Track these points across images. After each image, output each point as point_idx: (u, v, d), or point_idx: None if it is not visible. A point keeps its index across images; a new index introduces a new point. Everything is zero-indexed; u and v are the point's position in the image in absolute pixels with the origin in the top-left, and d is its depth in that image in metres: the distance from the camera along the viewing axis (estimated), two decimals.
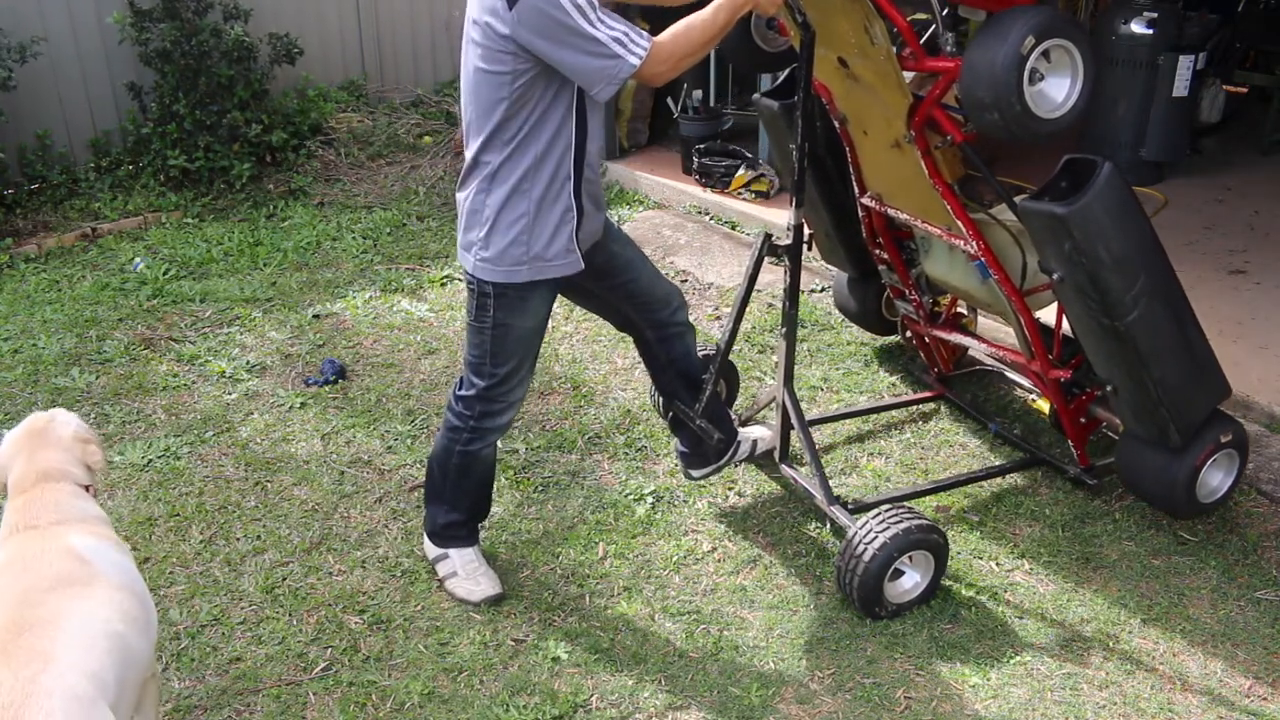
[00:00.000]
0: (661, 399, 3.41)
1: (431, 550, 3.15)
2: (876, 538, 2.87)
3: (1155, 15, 5.63)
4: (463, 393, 2.96)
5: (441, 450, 3.03)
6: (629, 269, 3.07)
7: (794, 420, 3.26)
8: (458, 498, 3.08)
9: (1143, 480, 3.21)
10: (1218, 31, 5.96)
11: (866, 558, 2.87)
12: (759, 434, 3.62)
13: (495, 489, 3.53)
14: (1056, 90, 2.76)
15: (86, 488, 2.25)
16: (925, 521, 2.94)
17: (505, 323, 2.81)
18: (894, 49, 2.94)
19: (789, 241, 3.15)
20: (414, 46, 7.54)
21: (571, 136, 2.66)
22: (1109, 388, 3.11)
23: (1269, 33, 6.72)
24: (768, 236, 3.22)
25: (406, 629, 2.95)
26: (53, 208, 5.84)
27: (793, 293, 3.19)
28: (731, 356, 4.40)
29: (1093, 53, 2.74)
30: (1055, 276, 2.95)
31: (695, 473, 3.44)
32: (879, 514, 2.94)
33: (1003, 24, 2.67)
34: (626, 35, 2.52)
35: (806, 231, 3.17)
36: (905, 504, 3.08)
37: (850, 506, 3.19)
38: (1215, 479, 3.24)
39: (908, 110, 3.05)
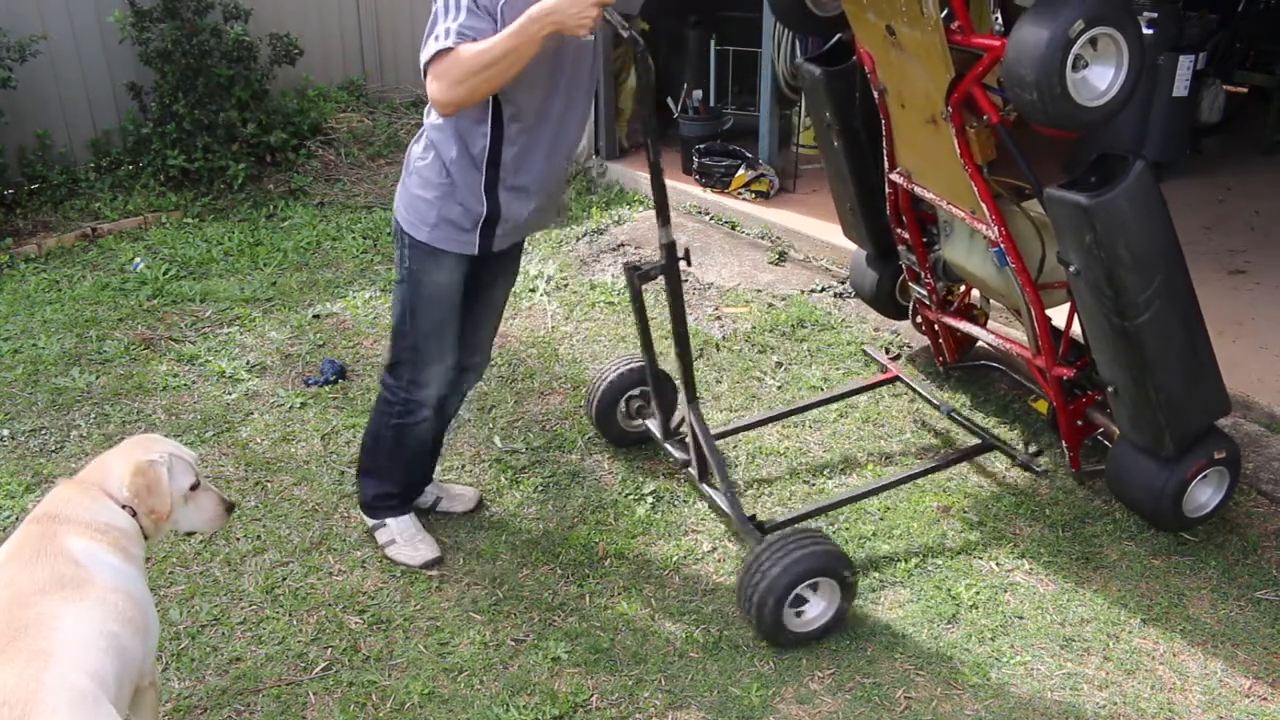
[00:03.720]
0: None
1: (368, 520, 3.25)
2: (777, 563, 2.73)
3: (1155, 15, 5.63)
4: (389, 361, 3.06)
5: (375, 425, 3.14)
6: (488, 304, 3.12)
7: (700, 438, 3.08)
8: (392, 470, 3.18)
9: (1131, 487, 3.20)
10: (1218, 31, 5.97)
11: (764, 584, 2.74)
12: (457, 491, 3.46)
13: (495, 488, 3.54)
14: (1099, 79, 2.74)
15: (126, 507, 2.20)
16: (830, 548, 2.80)
17: (419, 275, 2.89)
18: (942, 21, 2.94)
19: (662, 261, 2.92)
20: (414, 46, 7.48)
21: (487, 135, 2.69)
22: (1110, 389, 3.11)
23: (1269, 33, 6.72)
24: (632, 268, 3.01)
25: (406, 629, 2.95)
26: (53, 208, 5.84)
27: (677, 312, 2.98)
28: (730, 354, 4.40)
29: (1142, 48, 2.72)
30: (1072, 269, 2.94)
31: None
32: (782, 538, 2.80)
33: (1055, 4, 2.66)
34: (453, 31, 2.46)
35: (681, 248, 2.94)
36: (814, 527, 2.95)
37: (768, 525, 3.05)
38: (1204, 495, 3.21)
39: (948, 85, 3.05)
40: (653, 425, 3.53)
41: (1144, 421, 3.06)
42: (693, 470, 3.26)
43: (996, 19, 2.95)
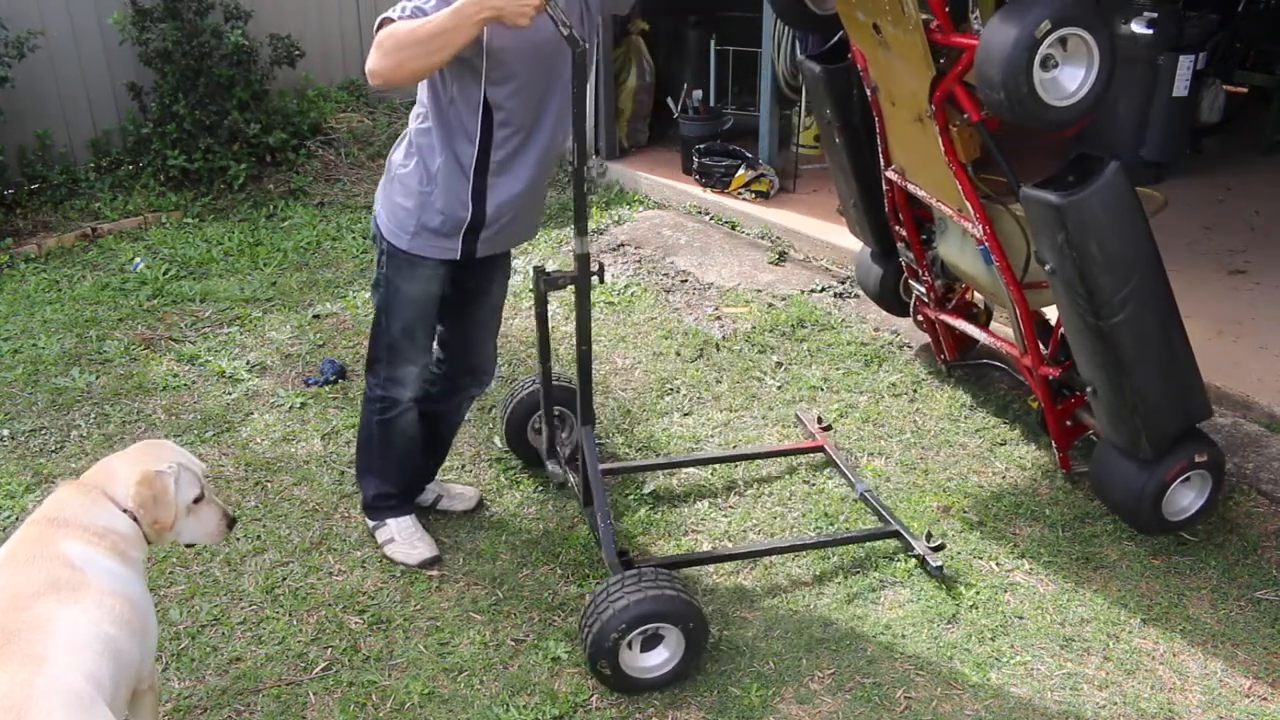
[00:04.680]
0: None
1: (369, 521, 3.28)
2: (616, 601, 2.60)
3: (1155, 15, 5.63)
4: (368, 359, 3.11)
5: (364, 424, 3.20)
6: (485, 308, 3.12)
7: (588, 463, 2.96)
8: (386, 469, 3.21)
9: (1111, 489, 3.19)
10: (1218, 31, 5.97)
11: (603, 619, 2.60)
12: (457, 491, 3.47)
13: (496, 488, 3.54)
14: (1069, 79, 2.75)
15: (128, 511, 2.19)
16: (674, 594, 2.63)
17: (395, 283, 2.91)
18: (923, 20, 2.95)
19: (574, 272, 2.78)
20: None
21: (475, 143, 2.69)
22: (1090, 389, 3.11)
23: (1269, 33, 6.72)
24: (540, 272, 2.89)
25: (406, 629, 2.95)
26: (53, 208, 5.84)
27: (582, 329, 2.84)
28: (730, 354, 4.40)
29: (1112, 49, 2.73)
30: (1048, 267, 2.95)
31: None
32: (631, 577, 2.65)
33: (1023, 5, 2.67)
34: (409, 8, 2.50)
35: (596, 263, 2.81)
36: (669, 571, 2.77)
37: (639, 564, 2.87)
38: (1185, 498, 3.18)
39: (930, 84, 3.06)
40: (543, 438, 3.39)
41: (1121, 422, 3.06)
42: (579, 494, 3.16)
43: (976, 17, 2.96)
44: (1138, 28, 5.69)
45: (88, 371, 4.27)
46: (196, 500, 2.31)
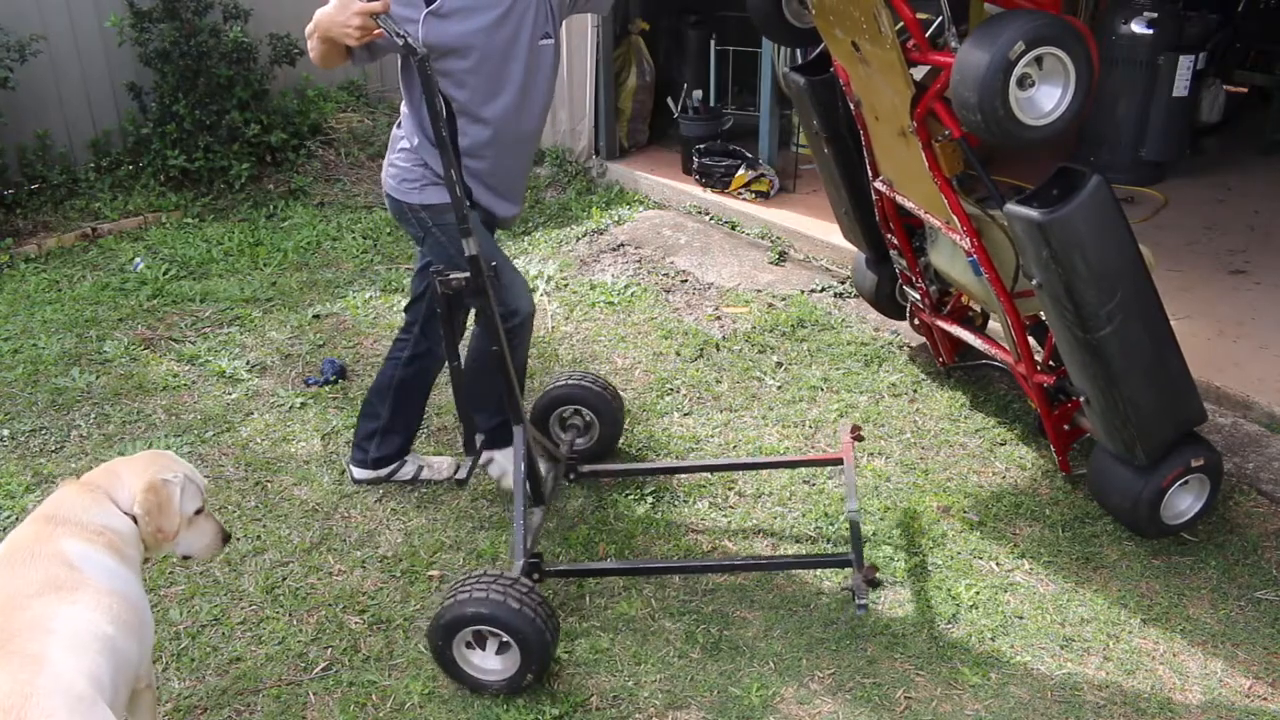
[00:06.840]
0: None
1: (380, 471, 3.52)
2: (451, 599, 2.61)
3: (1155, 15, 5.63)
4: (425, 314, 3.24)
5: (389, 370, 3.39)
6: (498, 254, 3.28)
7: (513, 464, 2.94)
8: (408, 419, 3.48)
9: (1109, 494, 3.20)
10: (1218, 31, 5.97)
11: (437, 614, 2.63)
12: (432, 461, 3.60)
13: (496, 488, 3.54)
14: (1046, 98, 2.73)
15: (129, 515, 2.20)
16: (511, 600, 2.56)
17: (434, 230, 3.00)
18: (899, 39, 2.95)
19: (467, 273, 2.73)
20: None
21: (443, 126, 2.72)
22: (1083, 398, 3.11)
23: (1269, 33, 6.72)
24: (436, 273, 2.78)
25: (406, 629, 2.95)
26: (53, 208, 5.85)
27: (491, 328, 2.84)
28: (730, 355, 4.40)
29: (1089, 65, 2.72)
30: (1034, 282, 2.95)
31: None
32: (472, 578, 2.64)
33: (997, 26, 2.66)
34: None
35: (488, 265, 2.77)
36: (518, 579, 2.65)
37: (546, 568, 2.93)
38: (1184, 502, 3.18)
39: (910, 100, 3.06)
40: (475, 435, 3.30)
41: (1115, 431, 3.06)
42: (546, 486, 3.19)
43: (953, 34, 2.95)
44: (1137, 27, 5.69)
45: (88, 371, 4.27)
46: (197, 512, 2.33)
